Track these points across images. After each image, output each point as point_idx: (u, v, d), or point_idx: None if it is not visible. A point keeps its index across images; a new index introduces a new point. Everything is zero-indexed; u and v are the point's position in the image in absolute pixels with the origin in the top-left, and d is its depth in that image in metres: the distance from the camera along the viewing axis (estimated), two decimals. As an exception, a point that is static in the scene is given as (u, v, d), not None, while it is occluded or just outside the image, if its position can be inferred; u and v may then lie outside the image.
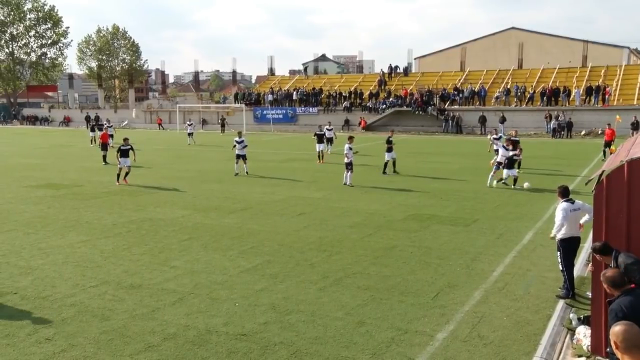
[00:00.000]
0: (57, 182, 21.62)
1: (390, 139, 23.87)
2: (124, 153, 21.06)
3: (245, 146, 23.62)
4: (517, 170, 19.65)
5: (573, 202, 9.13)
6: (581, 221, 9.19)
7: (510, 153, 19.70)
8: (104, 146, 28.29)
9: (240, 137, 23.81)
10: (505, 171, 19.43)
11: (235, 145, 23.62)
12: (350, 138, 21.55)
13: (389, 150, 23.49)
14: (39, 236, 13.02)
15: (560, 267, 9.15)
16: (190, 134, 40.53)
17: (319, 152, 28.18)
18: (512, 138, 23.38)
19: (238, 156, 23.43)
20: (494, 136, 25.73)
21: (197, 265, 10.72)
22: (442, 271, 10.35)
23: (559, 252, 9.17)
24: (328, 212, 15.67)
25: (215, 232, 13.33)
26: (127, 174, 20.94)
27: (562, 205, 9.09)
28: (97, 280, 9.87)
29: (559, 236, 9.09)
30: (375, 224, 14.15)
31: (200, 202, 17.43)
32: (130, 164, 21.11)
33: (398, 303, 8.73)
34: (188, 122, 42.90)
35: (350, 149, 20.70)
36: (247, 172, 23.19)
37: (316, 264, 10.81)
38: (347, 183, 20.26)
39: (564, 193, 9.27)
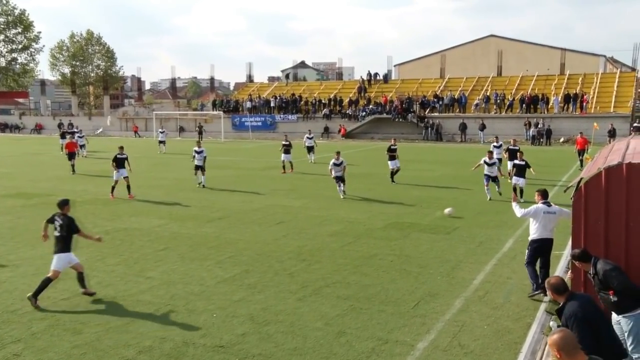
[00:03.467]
0: (28, 191, 21.25)
1: (393, 147, 23.30)
2: (119, 163, 19.88)
3: (205, 157, 22.76)
4: (524, 179, 18.44)
5: (549, 206, 9.59)
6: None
7: (515, 162, 18.81)
8: (71, 155, 27.27)
9: (199, 147, 22.96)
10: (514, 179, 18.63)
11: (194, 156, 22.78)
12: (337, 153, 20.15)
13: (392, 158, 23.10)
14: (7, 247, 12.78)
15: (525, 262, 9.66)
16: (161, 142, 40.10)
17: (283, 162, 27.07)
18: (511, 147, 23.05)
19: (197, 167, 22.68)
20: (494, 144, 24.68)
21: (174, 276, 10.62)
22: (423, 280, 10.39)
23: (527, 250, 9.67)
24: (307, 221, 15.65)
25: (193, 242, 13.22)
26: (128, 187, 19.70)
27: (537, 205, 9.62)
28: (69, 292, 9.71)
29: (531, 237, 9.58)
30: (355, 233, 14.17)
31: (177, 211, 17.29)
32: (127, 174, 19.99)
33: (378, 312, 8.74)
34: (160, 130, 42.36)
35: (336, 164, 19.65)
36: (203, 185, 22.12)
37: (295, 274, 10.78)
38: (342, 196, 19.50)
39: (543, 195, 9.77)
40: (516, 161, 19.08)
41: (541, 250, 9.53)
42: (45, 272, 10.88)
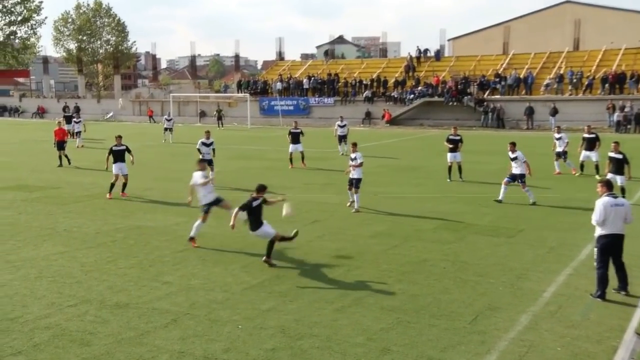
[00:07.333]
0: (29, 184, 21.80)
1: (454, 137, 22.38)
2: (117, 156, 19.03)
3: (214, 149, 21.75)
4: (623, 177, 17.48)
5: (616, 197, 9.91)
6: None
7: (611, 155, 17.98)
8: (59, 145, 27.02)
9: (208, 138, 21.61)
10: (609, 176, 16.95)
11: (199, 149, 21.20)
12: (354, 145, 17.80)
13: (452, 150, 22.19)
14: (7, 247, 13.12)
15: (595, 265, 9.87)
16: (168, 129, 39.63)
17: (291, 154, 26.16)
18: (586, 135, 22.58)
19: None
20: (556, 135, 24.32)
21: (194, 281, 10.75)
22: (482, 290, 10.29)
23: (595, 249, 9.89)
24: (346, 220, 15.66)
25: (216, 243, 13.36)
26: (124, 185, 19.19)
27: (602, 199, 9.82)
28: (76, 298, 9.92)
29: (598, 232, 9.79)
30: (402, 234, 14.12)
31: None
32: (127, 171, 19.24)
33: (429, 327, 8.69)
34: (166, 117, 42.18)
35: (353, 159, 17.19)
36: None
37: (332, 280, 10.80)
38: (348, 204, 17.38)
39: (607, 187, 10.02)
40: (612, 154, 18.13)
41: (611, 247, 9.73)
42: (49, 274, 11.18)
